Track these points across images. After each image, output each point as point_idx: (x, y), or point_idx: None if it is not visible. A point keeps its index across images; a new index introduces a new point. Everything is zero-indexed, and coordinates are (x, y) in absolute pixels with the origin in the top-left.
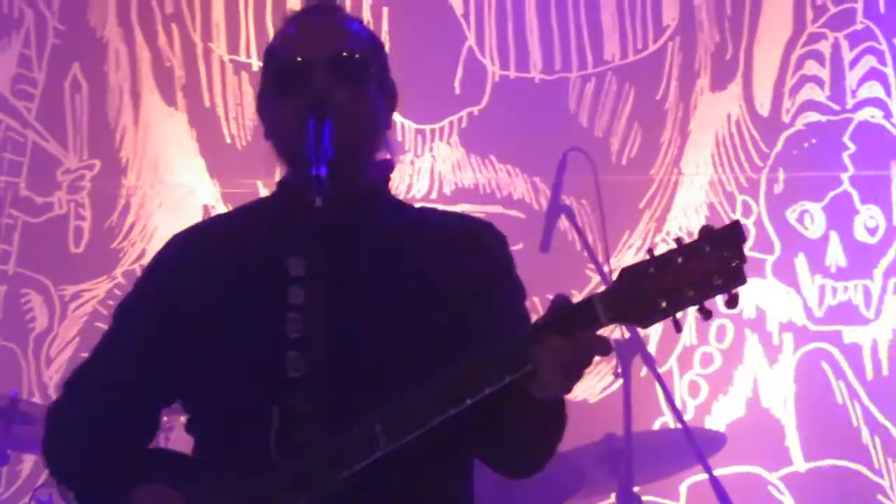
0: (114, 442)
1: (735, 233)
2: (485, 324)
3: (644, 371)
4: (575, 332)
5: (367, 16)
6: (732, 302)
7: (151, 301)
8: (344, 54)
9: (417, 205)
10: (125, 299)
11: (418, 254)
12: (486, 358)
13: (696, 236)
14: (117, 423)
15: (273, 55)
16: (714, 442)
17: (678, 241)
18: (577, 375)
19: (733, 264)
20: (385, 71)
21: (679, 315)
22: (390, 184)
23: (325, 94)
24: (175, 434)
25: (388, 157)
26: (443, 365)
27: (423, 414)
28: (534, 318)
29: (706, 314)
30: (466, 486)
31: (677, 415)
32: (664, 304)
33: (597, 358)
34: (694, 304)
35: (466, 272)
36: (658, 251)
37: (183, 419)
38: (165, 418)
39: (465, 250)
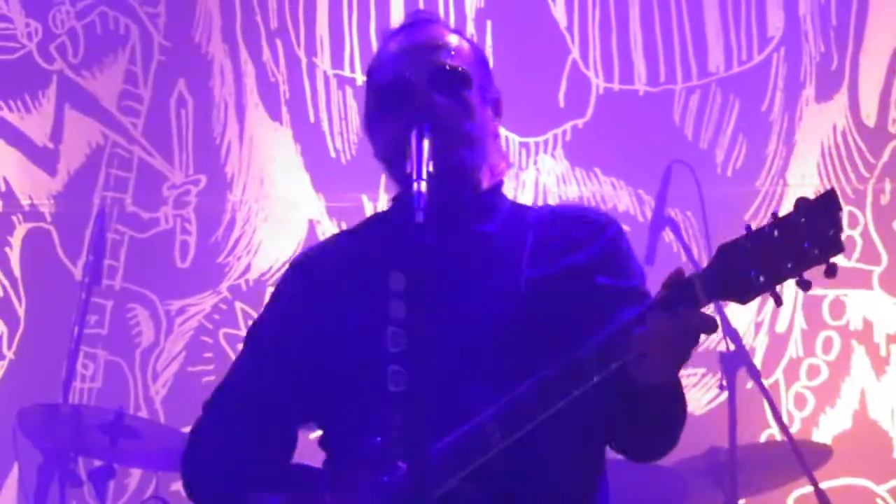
0: (253, 461)
1: (830, 202)
2: (596, 313)
3: (750, 384)
4: (677, 310)
5: (470, 29)
6: (831, 271)
7: (280, 323)
8: (446, 68)
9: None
10: (257, 321)
11: (524, 256)
12: (592, 346)
13: (791, 210)
14: (257, 444)
15: (375, 75)
16: (819, 455)
17: (774, 215)
18: (683, 355)
19: (830, 233)
20: (488, 80)
21: (779, 289)
22: (502, 187)
23: (428, 109)
24: None
25: (503, 165)
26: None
27: (534, 408)
28: None
29: (806, 286)
30: (596, 481)
31: (782, 427)
32: (762, 279)
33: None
34: (792, 277)
35: (577, 263)
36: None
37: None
38: None
39: (577, 240)
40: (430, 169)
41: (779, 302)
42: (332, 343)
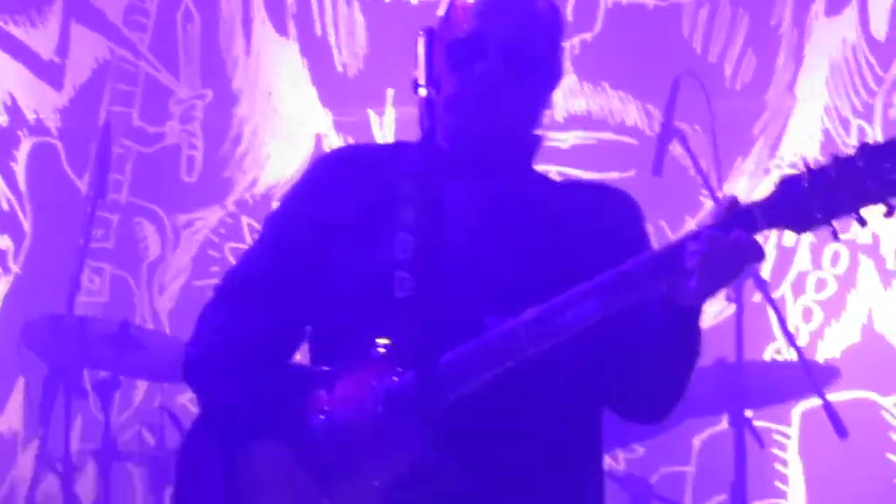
0: (259, 353)
1: (893, 148)
2: None
3: (757, 296)
4: (735, 232)
5: None
6: (892, 212)
7: (298, 216)
8: (522, 46)
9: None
10: (275, 213)
11: (549, 212)
12: (642, 259)
13: (852, 151)
14: (264, 332)
15: (448, 23)
16: (827, 374)
17: (834, 156)
18: (727, 277)
19: (892, 177)
20: (559, 52)
21: (836, 224)
22: (534, 158)
23: (495, 76)
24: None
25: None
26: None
27: (572, 315)
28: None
29: (862, 222)
30: (597, 438)
31: (791, 340)
32: (819, 215)
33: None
34: (848, 214)
35: (599, 241)
36: (811, 163)
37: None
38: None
39: (599, 220)
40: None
41: (836, 237)
42: (349, 244)
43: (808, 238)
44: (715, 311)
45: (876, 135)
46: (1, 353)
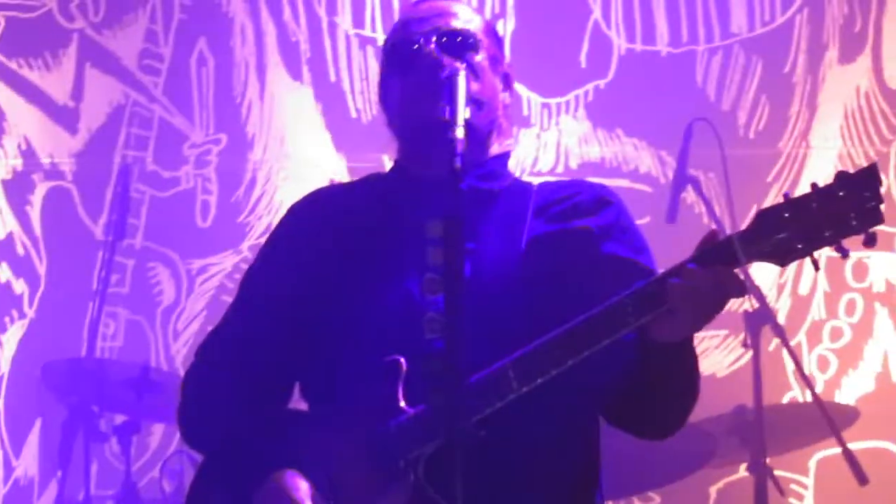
0: (248, 407)
1: (871, 175)
2: (603, 279)
3: (773, 345)
4: (714, 266)
5: None
6: (871, 241)
7: (277, 267)
8: (453, 30)
9: (538, 180)
10: (251, 268)
11: (527, 216)
12: (621, 297)
13: (831, 181)
14: (251, 389)
15: (388, 41)
16: (845, 416)
17: (814, 186)
18: (709, 313)
19: (870, 205)
20: (499, 54)
21: (817, 255)
22: (509, 160)
23: (436, 68)
24: None
25: (511, 141)
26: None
27: (556, 356)
28: None
29: (844, 253)
30: (591, 450)
31: (808, 384)
32: (800, 246)
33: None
34: (830, 244)
35: (583, 227)
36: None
37: None
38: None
39: (582, 207)
40: (467, 115)
41: (816, 267)
42: (342, 287)
43: (823, 286)
44: (730, 360)
45: (890, 184)
46: (19, 397)
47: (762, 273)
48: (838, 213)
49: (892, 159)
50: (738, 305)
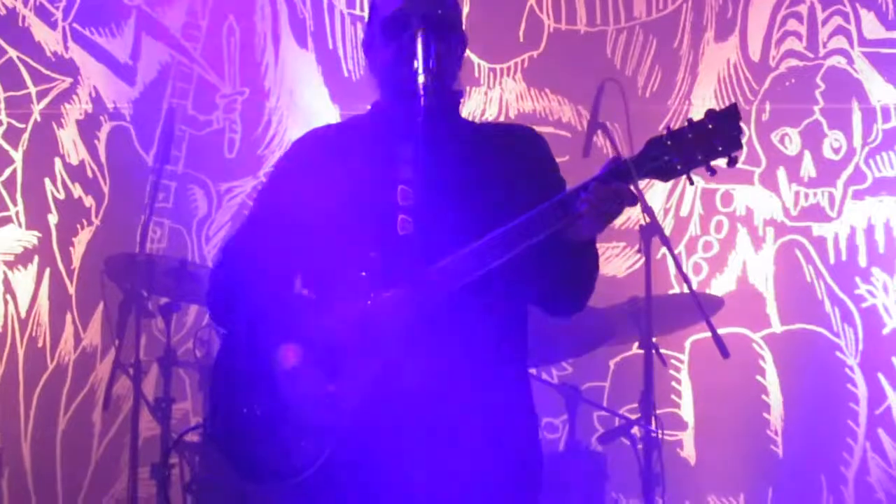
0: (259, 293)
1: (732, 112)
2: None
3: (660, 253)
4: (614, 183)
5: None
6: (733, 162)
7: (283, 183)
8: (439, 12)
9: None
10: (262, 186)
11: (482, 152)
12: (550, 204)
13: (702, 117)
14: (262, 278)
15: (380, 8)
16: (713, 305)
17: (689, 120)
18: (609, 218)
19: (732, 134)
20: (460, 21)
21: (693, 173)
22: (461, 106)
23: (426, 49)
24: None
25: (461, 88)
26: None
27: (506, 243)
28: None
29: (712, 172)
30: (523, 327)
31: (686, 280)
32: (679, 166)
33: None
34: (701, 165)
35: (520, 160)
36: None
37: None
38: None
39: (516, 145)
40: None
41: (691, 182)
42: (342, 194)
43: (698, 209)
44: (627, 265)
45: (750, 134)
46: (87, 285)
47: (652, 199)
48: (708, 140)
49: (753, 115)
50: (635, 223)
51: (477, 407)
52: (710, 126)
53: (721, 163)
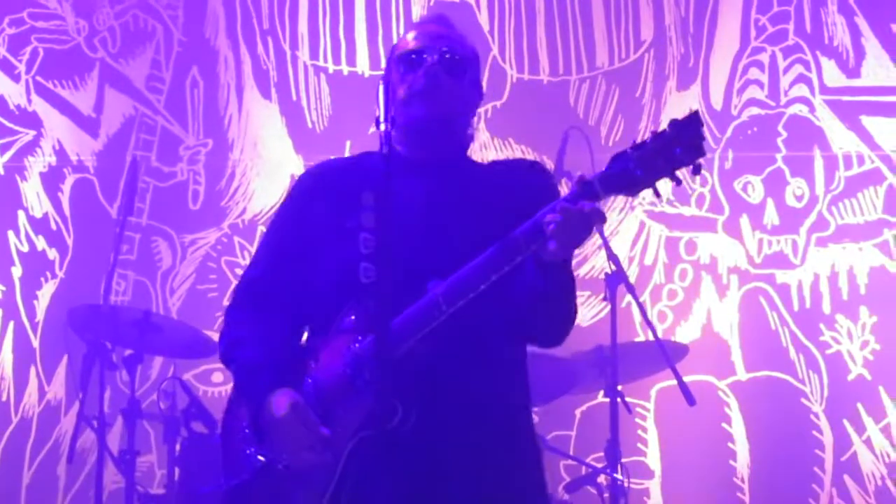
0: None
1: (693, 118)
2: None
3: (625, 302)
4: (581, 202)
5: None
6: (696, 170)
7: (286, 225)
8: (452, 57)
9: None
10: (270, 225)
11: (479, 189)
12: (518, 231)
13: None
14: (267, 322)
15: (399, 49)
16: (679, 351)
17: (653, 131)
18: (579, 238)
19: (695, 141)
20: (478, 75)
21: (659, 186)
22: (470, 148)
23: (435, 81)
24: None
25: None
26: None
27: (474, 279)
28: None
29: (677, 181)
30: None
31: (651, 328)
32: (641, 175)
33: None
34: (665, 175)
35: (520, 191)
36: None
37: None
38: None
39: (514, 182)
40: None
41: (657, 195)
42: (325, 241)
43: (662, 258)
44: (592, 314)
45: (714, 183)
46: (51, 338)
47: (617, 247)
48: (669, 148)
49: (716, 163)
50: (600, 271)
51: (473, 447)
52: (672, 135)
53: (685, 171)
